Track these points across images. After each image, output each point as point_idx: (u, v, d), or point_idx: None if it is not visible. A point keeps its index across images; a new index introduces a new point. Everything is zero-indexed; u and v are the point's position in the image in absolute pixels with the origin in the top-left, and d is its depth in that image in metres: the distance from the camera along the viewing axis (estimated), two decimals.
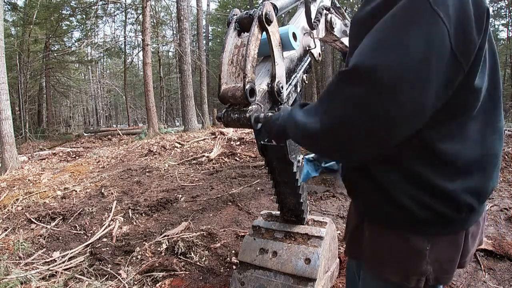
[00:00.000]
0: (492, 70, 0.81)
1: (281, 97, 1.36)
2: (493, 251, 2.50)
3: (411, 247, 0.84)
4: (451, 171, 0.79)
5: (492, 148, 0.83)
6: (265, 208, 3.66)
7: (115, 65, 31.75)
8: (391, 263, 0.89)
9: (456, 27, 0.65)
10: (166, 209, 3.94)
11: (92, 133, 16.36)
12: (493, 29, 23.17)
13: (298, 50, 1.53)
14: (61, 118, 26.05)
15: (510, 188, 3.63)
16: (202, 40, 17.81)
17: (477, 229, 0.91)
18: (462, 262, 0.89)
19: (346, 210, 3.51)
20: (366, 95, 0.65)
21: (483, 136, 0.81)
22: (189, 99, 11.93)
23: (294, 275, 1.82)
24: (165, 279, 2.45)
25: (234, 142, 7.14)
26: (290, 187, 1.78)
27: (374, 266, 0.95)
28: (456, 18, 0.65)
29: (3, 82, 6.91)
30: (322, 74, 24.13)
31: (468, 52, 0.69)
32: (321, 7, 1.70)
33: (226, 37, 1.31)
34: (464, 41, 0.67)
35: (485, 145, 0.81)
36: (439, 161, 0.78)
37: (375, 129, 0.67)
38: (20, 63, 17.15)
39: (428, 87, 0.65)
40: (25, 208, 4.26)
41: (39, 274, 2.62)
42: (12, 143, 7.02)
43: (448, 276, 0.87)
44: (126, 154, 7.49)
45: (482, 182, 0.83)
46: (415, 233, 0.84)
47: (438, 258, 0.84)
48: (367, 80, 0.65)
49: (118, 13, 20.71)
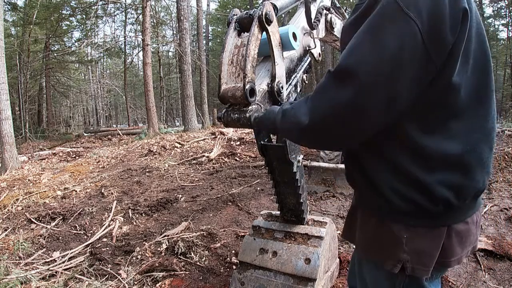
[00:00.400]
0: (482, 70, 0.84)
1: (281, 97, 1.36)
2: (493, 251, 2.50)
3: (390, 234, 0.90)
4: (429, 163, 0.83)
5: (476, 147, 0.85)
6: (265, 208, 3.66)
7: (115, 65, 31.75)
8: (375, 247, 0.96)
9: (429, 26, 0.71)
10: (166, 209, 3.94)
11: (92, 133, 16.36)
12: (493, 29, 23.16)
13: (298, 50, 1.53)
14: (61, 118, 26.05)
15: (510, 188, 3.63)
16: (202, 40, 17.81)
17: (467, 230, 0.91)
18: (446, 261, 0.90)
19: (346, 210, 3.51)
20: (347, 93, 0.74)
21: (466, 134, 0.84)
22: (189, 99, 11.93)
23: (294, 275, 1.82)
24: (165, 279, 2.45)
25: (234, 142, 7.14)
26: (290, 187, 1.78)
27: (362, 249, 1.04)
28: (428, 18, 0.71)
29: (3, 82, 6.91)
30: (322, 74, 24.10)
31: (441, 49, 0.74)
32: (321, 7, 1.70)
33: (226, 37, 1.31)
34: (436, 38, 0.73)
35: (467, 143, 0.84)
36: (419, 154, 0.83)
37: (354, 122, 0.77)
38: (20, 63, 17.15)
39: (401, 81, 0.73)
40: (25, 208, 4.26)
41: (39, 274, 2.62)
42: (12, 143, 7.02)
43: (425, 269, 0.89)
44: (126, 154, 7.49)
45: (462, 180, 0.84)
46: (395, 221, 0.90)
47: (416, 249, 0.88)
48: (346, 78, 0.74)
49: (118, 13, 20.74)
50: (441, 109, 0.82)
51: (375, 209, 0.95)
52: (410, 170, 0.84)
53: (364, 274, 1.07)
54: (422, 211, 0.86)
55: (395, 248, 0.90)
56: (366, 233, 1.00)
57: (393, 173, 0.86)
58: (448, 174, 0.83)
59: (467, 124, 0.84)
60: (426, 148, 0.82)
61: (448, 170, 0.84)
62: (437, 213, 0.86)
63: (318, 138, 0.86)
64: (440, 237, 0.87)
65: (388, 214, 0.91)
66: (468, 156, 0.84)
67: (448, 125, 0.83)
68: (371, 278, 1.03)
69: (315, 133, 0.84)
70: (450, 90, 0.80)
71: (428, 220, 0.87)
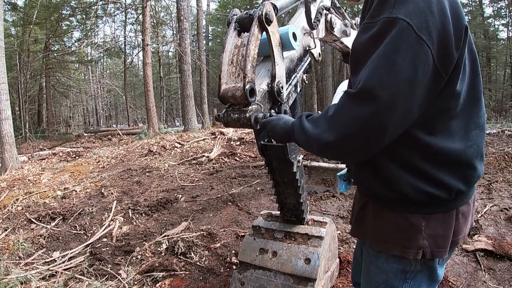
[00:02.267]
0: (473, 74, 0.96)
1: (281, 97, 1.36)
2: (493, 251, 2.50)
3: (409, 224, 0.99)
4: (438, 160, 0.94)
5: (476, 141, 0.98)
6: (265, 208, 3.66)
7: (115, 65, 31.76)
8: (392, 239, 1.02)
9: (438, 46, 0.82)
10: (166, 209, 3.94)
11: (92, 133, 16.35)
12: (493, 29, 23.14)
13: (298, 50, 1.53)
14: (61, 118, 26.05)
15: (510, 188, 3.63)
16: (202, 40, 17.80)
17: (468, 210, 1.04)
18: (456, 240, 1.02)
19: (346, 210, 3.51)
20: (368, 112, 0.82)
21: (466, 131, 0.96)
22: (189, 99, 11.93)
23: (294, 275, 1.82)
24: (165, 279, 2.45)
25: (234, 142, 7.14)
26: (290, 187, 1.78)
27: (377, 243, 1.07)
28: (437, 39, 0.81)
29: (3, 82, 6.90)
30: (322, 74, 24.11)
31: (448, 65, 0.85)
32: (321, 7, 1.70)
33: (226, 37, 1.31)
34: (444, 56, 0.83)
35: (468, 139, 0.96)
36: (429, 153, 0.94)
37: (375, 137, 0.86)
38: (20, 63, 17.15)
39: (416, 97, 0.83)
40: (25, 208, 4.26)
41: (39, 274, 2.62)
42: (12, 143, 7.02)
43: (443, 250, 1.00)
44: (126, 154, 7.49)
45: (468, 170, 0.98)
46: (413, 213, 0.99)
47: (433, 234, 0.98)
48: (369, 99, 0.82)
49: (118, 13, 20.71)
50: (444, 113, 0.93)
51: (391, 204, 1.02)
52: (423, 167, 0.94)
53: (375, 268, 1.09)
54: (437, 200, 0.96)
55: (415, 236, 0.98)
56: (382, 228, 1.05)
57: (408, 171, 0.96)
58: (456, 168, 0.96)
59: (465, 123, 0.96)
60: (433, 147, 0.93)
61: (456, 164, 0.95)
62: (449, 200, 0.97)
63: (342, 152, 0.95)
64: (451, 219, 0.99)
65: (406, 207, 0.99)
66: (471, 150, 0.96)
67: (450, 126, 0.94)
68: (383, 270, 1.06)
69: (340, 148, 0.92)
70: (453, 97, 0.91)
71: (442, 207, 0.98)
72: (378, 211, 1.06)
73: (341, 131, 0.88)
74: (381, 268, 1.07)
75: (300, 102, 1.90)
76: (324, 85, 22.95)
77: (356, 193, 1.27)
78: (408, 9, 0.81)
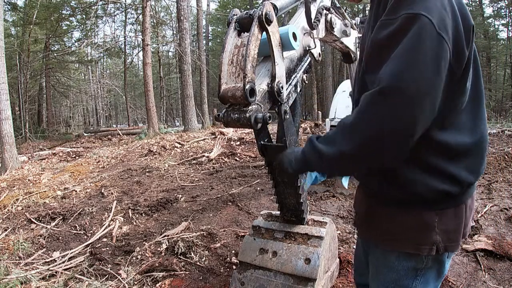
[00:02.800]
0: (476, 70, 0.99)
1: (281, 97, 1.36)
2: (493, 251, 2.50)
3: (423, 221, 0.99)
4: (451, 156, 0.96)
5: (483, 134, 1.01)
6: (265, 208, 3.66)
7: (115, 65, 31.75)
8: (406, 237, 1.02)
9: (453, 44, 0.85)
10: (166, 209, 3.94)
11: (92, 133, 16.35)
12: (493, 29, 23.15)
13: (298, 50, 1.53)
14: (61, 118, 26.06)
15: (510, 188, 3.63)
16: (202, 40, 17.81)
17: (472, 202, 1.07)
18: (465, 232, 1.04)
19: (346, 210, 3.51)
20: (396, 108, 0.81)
21: (474, 124, 0.99)
22: (189, 99, 11.93)
23: (294, 275, 1.82)
24: (165, 279, 2.45)
25: (234, 142, 7.14)
26: (290, 187, 1.78)
27: (389, 242, 1.07)
28: (453, 38, 0.85)
29: (3, 82, 6.91)
30: (322, 74, 24.13)
31: (461, 62, 0.88)
32: (321, 7, 1.70)
33: (226, 37, 1.31)
34: (458, 54, 0.87)
35: (476, 131, 0.99)
36: (442, 150, 0.95)
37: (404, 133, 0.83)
38: (20, 63, 17.14)
39: (439, 91, 0.84)
40: (25, 208, 4.26)
41: (39, 274, 2.62)
42: (12, 143, 7.02)
43: (456, 244, 1.02)
44: (126, 154, 7.50)
45: (477, 162, 1.01)
46: (425, 209, 0.99)
47: (446, 229, 0.99)
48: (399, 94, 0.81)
49: (118, 13, 20.71)
50: (454, 108, 0.95)
51: (403, 205, 1.02)
52: (438, 164, 0.95)
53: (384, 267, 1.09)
54: (449, 196, 0.98)
55: (429, 233, 0.99)
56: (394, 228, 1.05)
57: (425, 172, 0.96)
58: (468, 160, 0.98)
59: (474, 117, 0.99)
60: (444, 142, 0.95)
61: (468, 157, 0.98)
62: (460, 194, 0.99)
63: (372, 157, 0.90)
64: (462, 213, 1.01)
65: (419, 206, 1.00)
66: (480, 142, 1.00)
67: (460, 121, 0.97)
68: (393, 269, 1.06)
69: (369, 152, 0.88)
70: (462, 94, 0.95)
71: (454, 201, 1.00)
72: (389, 212, 1.06)
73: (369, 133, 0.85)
74: (391, 267, 1.06)
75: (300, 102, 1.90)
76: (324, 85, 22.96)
77: (357, 193, 1.26)
78: (427, 6, 0.82)
